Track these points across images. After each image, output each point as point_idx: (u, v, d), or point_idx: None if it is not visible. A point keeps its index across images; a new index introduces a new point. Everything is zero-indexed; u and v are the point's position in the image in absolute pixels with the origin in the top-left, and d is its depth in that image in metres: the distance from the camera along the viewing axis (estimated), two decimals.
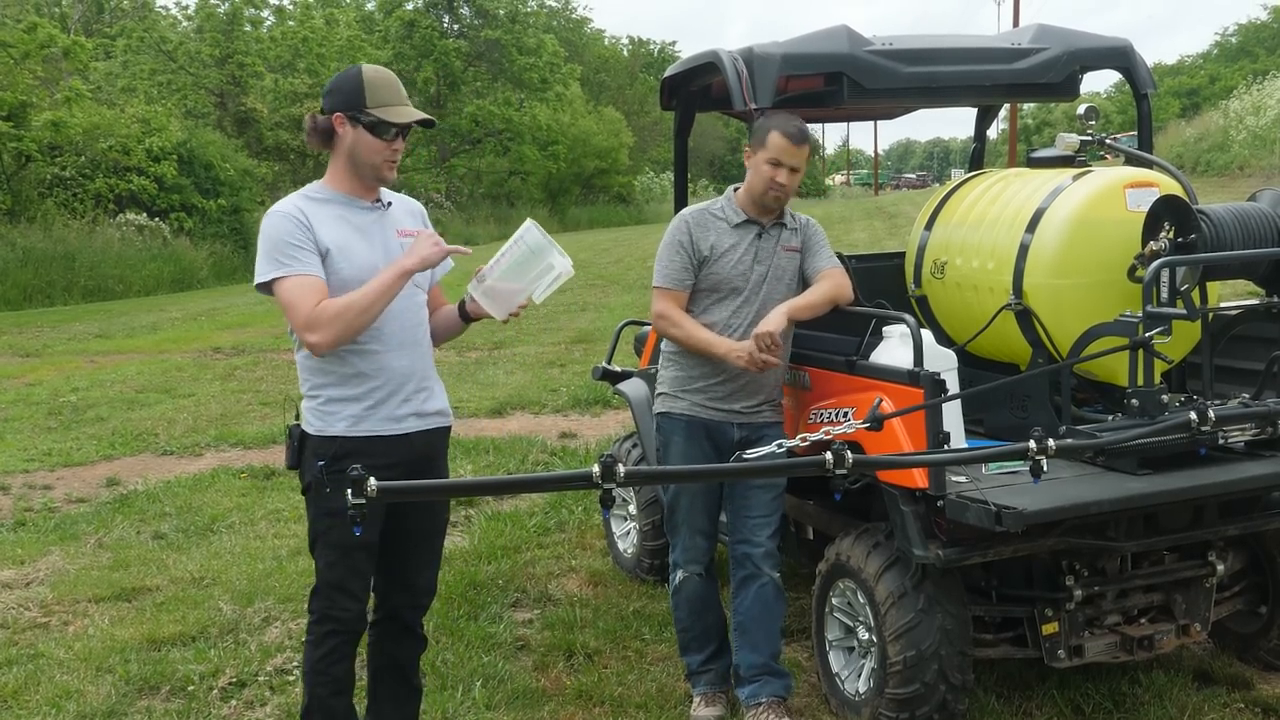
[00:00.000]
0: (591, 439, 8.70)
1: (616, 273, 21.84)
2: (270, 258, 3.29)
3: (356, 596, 3.45)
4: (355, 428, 3.37)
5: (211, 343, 14.89)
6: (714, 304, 4.08)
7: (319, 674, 3.48)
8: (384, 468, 3.19)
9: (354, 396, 3.37)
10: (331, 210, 3.38)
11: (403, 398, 3.42)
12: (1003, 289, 4.21)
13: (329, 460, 3.32)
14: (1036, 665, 3.94)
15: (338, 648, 3.47)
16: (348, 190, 3.43)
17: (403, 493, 3.23)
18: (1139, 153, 4.68)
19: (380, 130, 3.35)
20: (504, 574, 5.78)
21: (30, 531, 6.96)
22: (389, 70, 3.46)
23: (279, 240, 3.29)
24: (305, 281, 3.26)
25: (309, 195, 3.42)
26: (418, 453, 3.47)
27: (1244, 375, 4.12)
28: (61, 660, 4.91)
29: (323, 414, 3.39)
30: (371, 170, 3.40)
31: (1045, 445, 2.99)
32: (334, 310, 3.24)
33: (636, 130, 51.46)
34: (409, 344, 3.45)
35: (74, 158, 24.35)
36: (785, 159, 3.97)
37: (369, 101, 3.33)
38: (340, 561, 3.42)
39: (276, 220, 3.31)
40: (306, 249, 3.28)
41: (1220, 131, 33.05)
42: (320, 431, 3.39)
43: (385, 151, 3.37)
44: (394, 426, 3.42)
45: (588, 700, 4.39)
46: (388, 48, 42.24)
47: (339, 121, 3.36)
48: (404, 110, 3.37)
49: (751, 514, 4.10)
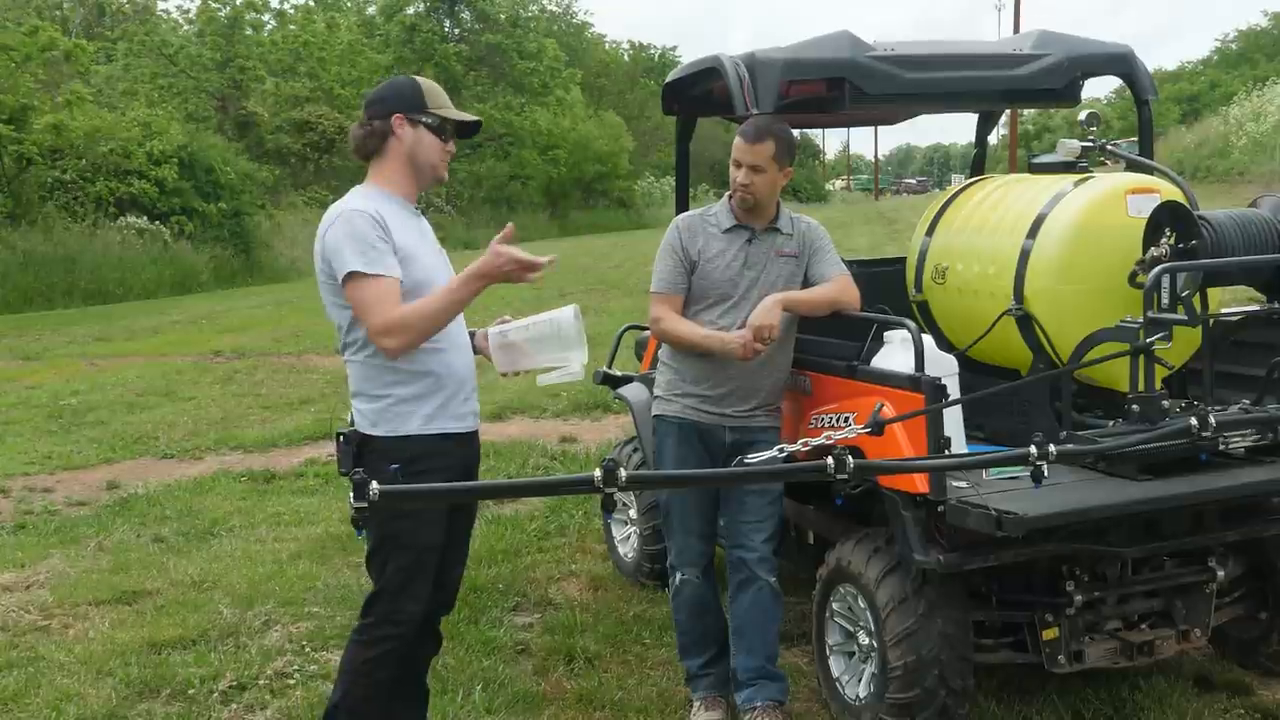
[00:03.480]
0: (592, 443, 8.70)
1: (617, 277, 21.84)
2: (358, 253, 3.28)
3: (420, 599, 3.47)
4: (428, 426, 3.40)
5: (212, 346, 14.88)
6: (704, 309, 4.08)
7: (360, 675, 3.48)
8: (455, 466, 3.36)
9: (425, 395, 3.41)
10: (391, 212, 3.42)
11: (464, 396, 3.51)
12: (1004, 294, 4.21)
13: (405, 462, 3.32)
14: (1037, 670, 3.94)
15: (390, 653, 3.47)
16: (403, 194, 3.51)
17: (404, 497, 3.23)
18: (1140, 159, 4.68)
19: (442, 130, 3.47)
20: (504, 578, 5.78)
21: (30, 534, 6.97)
22: None
23: (364, 237, 3.29)
24: (388, 284, 3.29)
25: (367, 196, 3.44)
26: (474, 451, 3.58)
27: (1245, 381, 4.12)
28: (62, 663, 4.91)
29: (393, 415, 3.39)
30: (431, 170, 3.50)
31: (1046, 450, 2.99)
32: (414, 316, 3.28)
33: (637, 135, 51.42)
34: (463, 344, 3.55)
35: (75, 161, 24.34)
36: (743, 158, 4.00)
37: (429, 104, 3.46)
38: (412, 564, 3.42)
39: (357, 219, 3.32)
40: (388, 250, 3.32)
41: (1221, 138, 33.08)
42: (391, 432, 3.39)
43: (443, 151, 3.50)
44: (460, 424, 3.49)
45: (588, 704, 4.39)
46: (389, 52, 42.26)
47: (399, 123, 3.43)
48: (462, 111, 3.52)
49: (746, 518, 4.10)
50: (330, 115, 34.42)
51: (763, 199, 4.04)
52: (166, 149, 25.25)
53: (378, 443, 3.39)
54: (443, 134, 3.48)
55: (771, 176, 4.02)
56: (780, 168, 4.03)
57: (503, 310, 3.65)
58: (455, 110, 3.51)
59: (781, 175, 4.05)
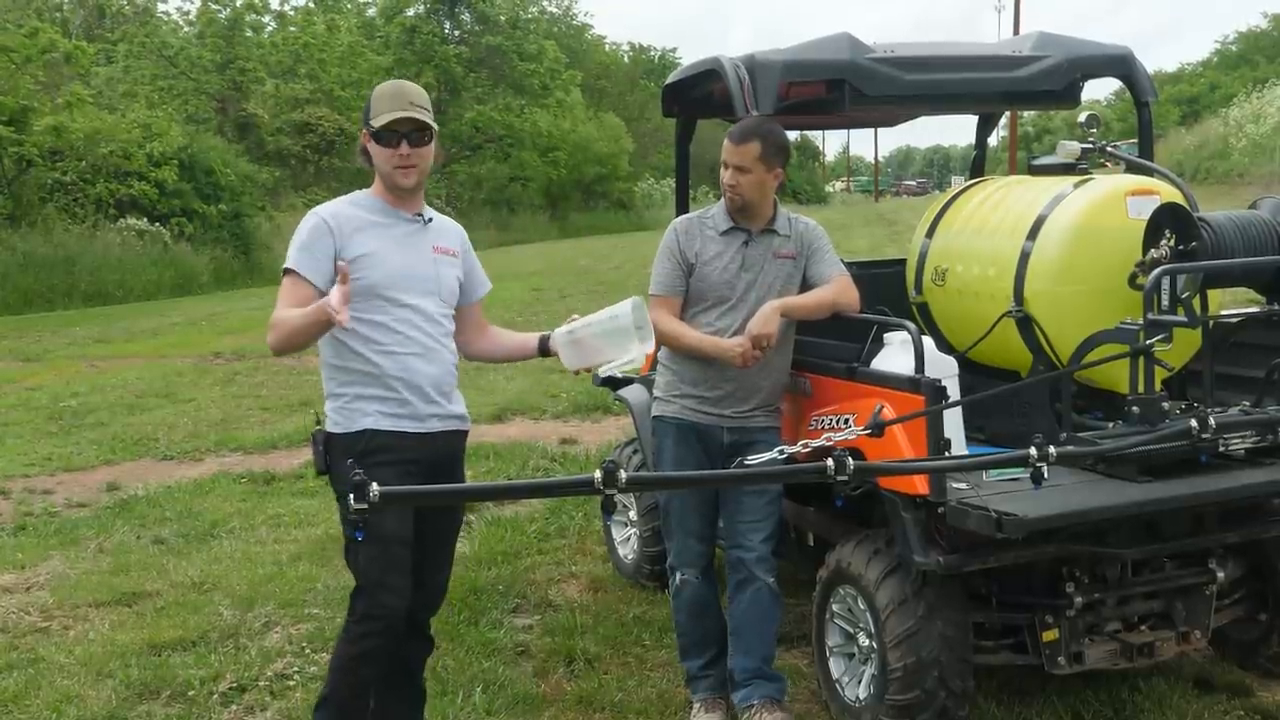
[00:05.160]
0: (592, 445, 8.70)
1: (617, 279, 21.84)
2: (293, 249, 3.47)
3: (399, 593, 3.47)
4: (381, 422, 3.46)
5: (212, 348, 14.88)
6: (702, 311, 4.08)
7: (347, 672, 3.52)
8: (410, 462, 3.38)
9: (380, 396, 3.48)
10: (370, 219, 3.53)
11: (427, 399, 3.52)
12: (1004, 296, 4.21)
13: (358, 455, 3.33)
14: (1037, 672, 3.94)
15: (374, 649, 3.49)
16: (389, 202, 3.58)
17: (406, 498, 3.25)
18: (1140, 160, 4.69)
19: (382, 138, 3.48)
20: (504, 579, 5.78)
21: (30, 536, 6.96)
22: (403, 82, 3.60)
23: (303, 237, 3.47)
24: (298, 285, 3.42)
25: (353, 201, 3.60)
26: (440, 452, 3.57)
27: (1245, 383, 4.13)
28: (62, 665, 4.91)
29: (349, 411, 3.49)
30: (387, 178, 3.54)
31: (1046, 452, 2.99)
32: (282, 321, 3.36)
33: (637, 136, 51.40)
34: (433, 350, 3.56)
35: (75, 162, 24.35)
36: (729, 158, 4.00)
37: (372, 113, 3.49)
38: (381, 555, 3.42)
39: (311, 220, 3.51)
40: (318, 257, 3.42)
41: (1220, 139, 33.06)
42: (347, 429, 3.48)
43: (393, 158, 3.49)
44: (419, 426, 3.52)
45: (588, 706, 4.39)
46: (389, 54, 42.25)
47: (365, 138, 3.53)
48: (390, 114, 3.47)
49: (744, 519, 4.10)
50: (330, 117, 34.42)
51: (750, 200, 4.03)
52: (166, 150, 25.27)
53: (337, 440, 3.50)
54: (389, 141, 3.48)
55: (758, 177, 4.00)
56: (768, 168, 4.01)
57: (569, 314, 3.70)
58: (388, 114, 3.46)
59: (770, 176, 4.03)
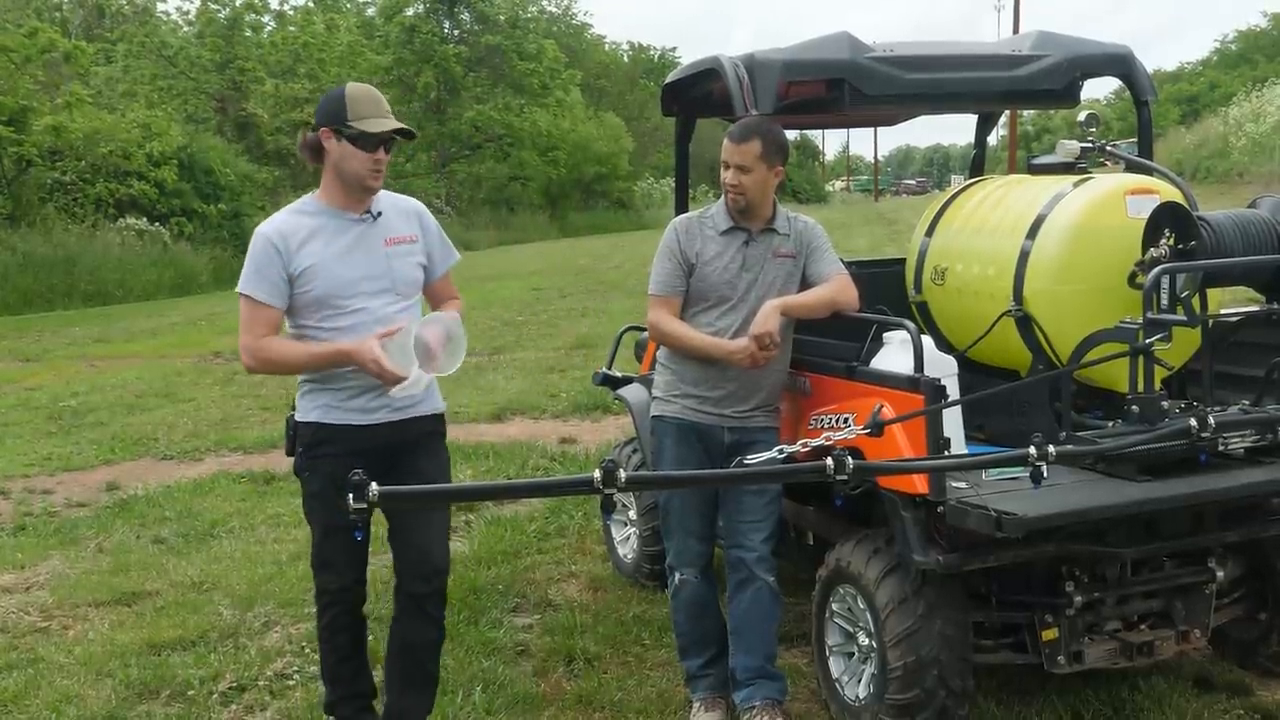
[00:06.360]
0: (591, 444, 8.69)
1: (617, 278, 21.84)
2: (245, 274, 3.63)
3: (340, 571, 3.77)
4: (328, 415, 3.65)
5: (211, 347, 14.88)
6: (702, 311, 4.08)
7: (324, 641, 3.90)
8: (349, 454, 3.47)
9: (331, 388, 3.66)
10: (316, 226, 3.62)
11: (377, 392, 3.63)
12: (1003, 295, 4.21)
13: (306, 445, 3.65)
14: (1036, 671, 3.94)
15: (336, 618, 3.84)
16: (338, 204, 3.67)
17: (403, 498, 3.25)
18: (1139, 159, 4.68)
19: (362, 142, 3.55)
20: (504, 579, 5.78)
21: (30, 536, 6.97)
22: (372, 87, 3.69)
23: (254, 261, 3.62)
24: (258, 310, 3.60)
25: (298, 210, 3.70)
26: (383, 442, 3.68)
27: (1244, 382, 4.13)
28: (61, 664, 4.92)
29: (306, 402, 3.72)
30: (356, 180, 3.61)
31: (1045, 451, 3.00)
32: (277, 355, 3.60)
33: (637, 136, 51.39)
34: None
35: (74, 162, 24.36)
36: (729, 158, 4.00)
37: (350, 115, 3.55)
38: (324, 540, 3.74)
39: (258, 241, 3.63)
40: (273, 279, 3.58)
41: (1220, 138, 33.06)
42: (303, 418, 3.70)
43: (369, 162, 3.59)
44: (364, 417, 3.66)
45: (588, 705, 4.39)
46: (388, 53, 42.24)
47: (325, 136, 3.59)
48: (382, 122, 3.59)
49: (744, 518, 4.10)
50: None
51: (753, 199, 4.03)
52: (166, 150, 25.29)
53: (300, 428, 3.73)
54: (366, 145, 3.55)
55: (760, 176, 4.00)
56: (769, 167, 4.01)
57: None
58: (377, 122, 3.56)
59: (771, 175, 4.03)
